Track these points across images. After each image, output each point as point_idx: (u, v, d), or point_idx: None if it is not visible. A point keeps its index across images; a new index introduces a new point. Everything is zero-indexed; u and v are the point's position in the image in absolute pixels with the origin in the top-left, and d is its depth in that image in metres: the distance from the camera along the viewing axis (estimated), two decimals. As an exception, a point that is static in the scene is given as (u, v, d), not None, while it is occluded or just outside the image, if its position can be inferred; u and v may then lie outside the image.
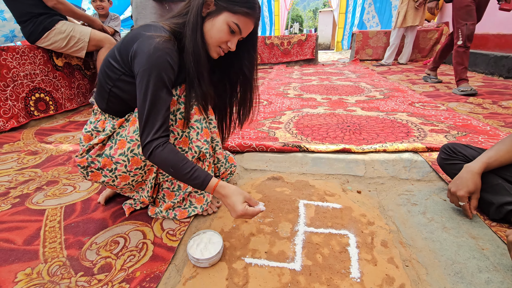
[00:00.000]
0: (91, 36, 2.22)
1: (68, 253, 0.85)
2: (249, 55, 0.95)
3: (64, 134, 1.94)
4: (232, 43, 0.84)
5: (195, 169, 0.79)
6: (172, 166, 0.77)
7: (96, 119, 0.93)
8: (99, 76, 0.89)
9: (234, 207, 0.79)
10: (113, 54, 0.84)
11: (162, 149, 0.77)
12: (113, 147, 0.88)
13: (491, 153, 0.94)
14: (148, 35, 0.77)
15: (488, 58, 3.58)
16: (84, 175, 0.93)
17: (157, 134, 0.77)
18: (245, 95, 1.02)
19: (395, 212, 1.00)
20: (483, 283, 0.71)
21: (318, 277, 0.75)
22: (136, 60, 0.77)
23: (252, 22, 0.84)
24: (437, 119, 1.92)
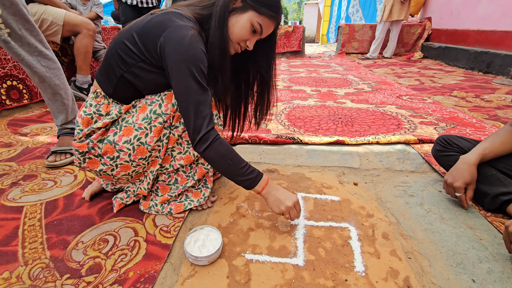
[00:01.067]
0: (66, 20, 2.05)
1: (51, 254, 0.78)
2: (267, 56, 0.94)
3: (41, 125, 1.80)
4: (250, 43, 0.83)
5: (249, 165, 0.81)
6: (231, 158, 0.77)
7: (97, 102, 0.85)
8: (109, 58, 0.81)
9: (290, 196, 0.82)
10: (131, 37, 0.77)
11: (220, 141, 0.76)
12: (117, 133, 0.81)
13: (486, 144, 0.95)
14: (178, 24, 0.73)
15: (469, 53, 3.69)
16: (80, 162, 0.85)
17: (210, 125, 0.75)
18: (262, 96, 1.01)
19: (393, 204, 1.00)
20: (485, 273, 0.71)
21: (323, 272, 0.72)
22: (169, 50, 0.72)
23: (273, 26, 0.84)
24: (425, 111, 1.95)
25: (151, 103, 0.82)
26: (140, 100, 0.85)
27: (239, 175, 0.79)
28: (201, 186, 0.97)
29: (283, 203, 0.81)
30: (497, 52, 3.23)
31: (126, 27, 0.82)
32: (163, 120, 0.82)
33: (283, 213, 0.82)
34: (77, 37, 2.11)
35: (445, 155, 1.06)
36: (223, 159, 0.77)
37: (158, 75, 0.79)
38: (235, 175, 0.80)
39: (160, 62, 0.76)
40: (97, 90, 0.85)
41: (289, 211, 0.82)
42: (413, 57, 4.76)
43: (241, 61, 0.97)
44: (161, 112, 0.82)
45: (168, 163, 0.91)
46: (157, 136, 0.83)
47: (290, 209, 0.82)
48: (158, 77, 0.80)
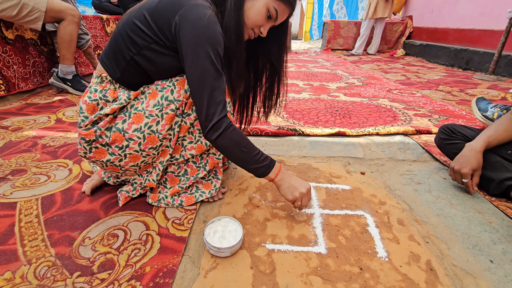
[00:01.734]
0: (49, 5, 1.91)
1: (56, 251, 0.72)
2: (279, 44, 0.90)
3: (22, 117, 1.67)
4: (264, 29, 0.80)
5: (262, 152, 0.79)
6: (245, 146, 0.74)
7: (103, 88, 0.78)
8: (117, 40, 0.75)
9: (303, 183, 0.81)
10: (142, 17, 0.71)
11: (233, 128, 0.73)
12: (126, 121, 0.76)
13: (490, 132, 0.99)
14: (195, 3, 0.68)
15: (449, 50, 3.85)
16: (85, 152, 0.78)
17: (223, 112, 0.71)
18: (272, 86, 0.97)
19: (403, 192, 1.01)
20: (500, 254, 0.74)
21: (346, 259, 0.72)
22: (185, 30, 0.67)
23: (288, 12, 0.80)
24: (417, 104, 2.01)
25: (162, 89, 0.78)
26: (149, 86, 0.80)
27: (253, 162, 0.77)
28: (212, 177, 0.94)
29: (297, 189, 0.80)
30: (476, 50, 3.40)
31: (136, 6, 0.76)
32: (175, 107, 0.78)
33: (296, 199, 0.80)
34: (60, 23, 1.96)
35: (450, 143, 1.09)
36: (237, 146, 0.74)
37: (172, 58, 0.74)
38: (249, 162, 0.77)
39: (175, 43, 0.71)
40: (102, 75, 0.79)
41: (302, 198, 0.81)
42: (396, 54, 4.91)
43: (251, 49, 0.93)
44: (173, 98, 0.77)
45: (178, 153, 0.87)
46: (168, 124, 0.78)
47: (303, 196, 0.81)
48: (171, 60, 0.75)
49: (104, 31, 3.03)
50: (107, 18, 3.09)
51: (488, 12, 3.41)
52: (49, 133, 1.45)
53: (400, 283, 0.65)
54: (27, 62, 2.14)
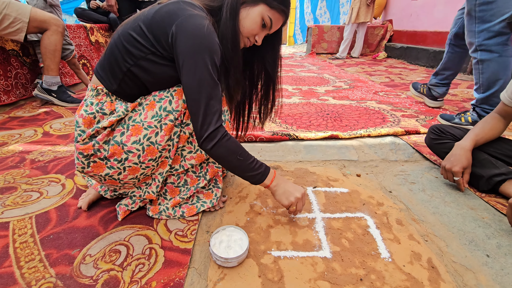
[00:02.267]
0: (32, 15, 1.85)
1: (56, 271, 0.69)
2: (273, 52, 0.92)
3: (6, 132, 1.60)
4: (259, 37, 0.81)
5: (256, 159, 0.79)
6: (240, 154, 0.75)
7: (99, 100, 0.76)
8: (113, 51, 0.74)
9: (298, 188, 0.82)
10: (138, 28, 0.71)
11: (229, 137, 0.73)
12: (125, 133, 0.75)
13: (478, 131, 1.03)
14: (192, 13, 0.69)
15: (428, 52, 4.01)
16: (83, 166, 0.76)
17: (219, 122, 0.72)
18: (267, 93, 0.98)
19: (398, 192, 1.04)
20: (495, 248, 0.77)
21: (352, 262, 0.73)
22: (180, 41, 0.67)
23: (282, 20, 0.82)
24: (403, 105, 2.08)
25: (160, 99, 0.77)
26: (146, 97, 0.79)
27: (249, 170, 0.77)
28: (212, 187, 0.93)
29: (292, 194, 0.81)
30: (454, 51, 3.55)
31: (131, 18, 0.76)
32: (174, 117, 0.77)
33: (292, 204, 0.82)
34: (44, 34, 1.91)
35: (440, 143, 1.13)
36: (233, 155, 0.74)
37: (169, 68, 0.74)
38: (244, 170, 0.77)
39: (172, 53, 0.71)
40: (98, 87, 0.77)
41: (297, 202, 0.82)
42: (378, 56, 5.06)
43: (246, 57, 0.94)
44: (171, 108, 0.77)
45: (177, 163, 0.86)
46: (168, 134, 0.78)
47: (298, 200, 0.82)
48: (169, 70, 0.75)
49: (88, 40, 2.97)
50: (91, 27, 3.04)
51: (463, 15, 3.57)
52: (37, 147, 1.40)
53: (405, 282, 0.67)
54: (9, 74, 2.06)
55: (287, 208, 0.83)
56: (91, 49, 3.01)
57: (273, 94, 1.00)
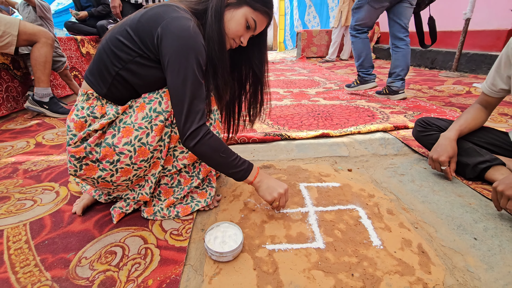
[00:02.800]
0: (21, 29, 1.87)
1: (52, 275, 0.69)
2: (259, 53, 0.95)
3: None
4: (244, 39, 0.84)
5: (239, 156, 0.81)
6: (223, 151, 0.76)
7: (89, 104, 0.78)
8: (101, 56, 0.76)
9: (281, 184, 0.85)
10: (125, 32, 0.73)
11: (211, 135, 0.75)
12: (116, 135, 0.76)
13: (461, 121, 1.07)
14: (177, 15, 0.71)
15: (415, 52, 4.10)
16: (76, 169, 0.77)
17: (202, 120, 0.74)
18: (255, 94, 1.01)
19: (389, 184, 1.07)
20: (482, 231, 0.80)
21: (344, 251, 0.75)
22: (166, 42, 0.69)
23: (266, 21, 0.85)
24: (392, 103, 2.12)
25: (150, 101, 0.79)
26: (136, 100, 0.81)
27: (232, 167, 0.79)
28: (206, 186, 0.95)
29: (276, 190, 0.83)
30: (439, 50, 3.65)
31: (117, 24, 0.78)
32: (164, 118, 0.79)
33: (275, 199, 0.84)
34: (34, 46, 1.92)
35: (426, 135, 1.17)
36: (216, 152, 0.76)
37: (157, 69, 0.76)
38: (228, 167, 0.79)
39: (158, 55, 0.73)
40: (88, 92, 0.79)
41: (280, 198, 0.84)
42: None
43: (234, 59, 0.97)
44: (161, 109, 0.79)
45: (170, 164, 0.87)
46: (158, 135, 0.79)
47: (281, 196, 0.84)
48: (156, 72, 0.77)
49: (79, 52, 2.98)
50: (81, 39, 3.06)
51: (446, 15, 3.68)
52: (30, 158, 1.40)
53: (396, 267, 0.69)
54: (0, 87, 2.06)
55: (270, 203, 0.85)
56: (82, 61, 3.03)
57: (261, 95, 1.02)
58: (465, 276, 0.66)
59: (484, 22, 3.10)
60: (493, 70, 1.01)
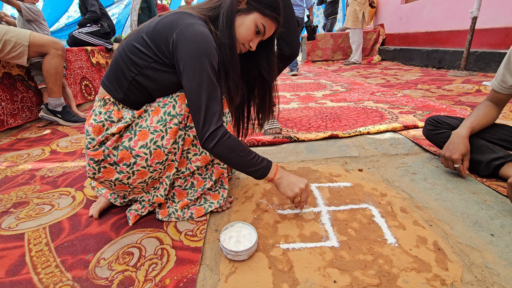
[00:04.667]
0: (31, 40, 1.93)
1: (73, 275, 0.71)
2: (267, 58, 0.98)
3: (15, 152, 1.65)
4: (254, 43, 0.86)
5: (258, 155, 0.82)
6: (241, 150, 0.78)
7: (106, 109, 0.81)
8: (118, 63, 0.79)
9: (301, 179, 0.85)
10: (141, 39, 0.76)
11: (228, 136, 0.76)
12: (132, 138, 0.78)
13: (472, 118, 1.06)
14: (191, 22, 0.74)
15: (421, 52, 4.09)
16: (94, 172, 0.79)
17: (219, 122, 0.75)
18: (264, 98, 1.04)
19: (401, 183, 1.06)
20: (499, 227, 0.79)
21: (359, 249, 0.75)
22: (181, 48, 0.72)
23: (275, 27, 0.88)
24: (400, 103, 2.11)
25: (164, 105, 0.81)
26: (151, 104, 0.83)
27: (251, 165, 0.80)
28: (219, 188, 0.96)
29: (297, 185, 0.84)
30: (446, 49, 3.63)
31: (134, 31, 0.81)
32: (178, 121, 0.81)
33: (297, 195, 0.84)
34: (45, 58, 1.98)
35: (437, 133, 1.16)
36: (234, 152, 0.77)
37: (172, 74, 0.79)
38: (247, 166, 0.80)
39: (173, 60, 0.76)
40: (105, 97, 0.82)
41: (301, 193, 0.84)
42: (373, 60, 5.15)
43: (243, 63, 0.99)
44: (175, 113, 0.81)
45: (184, 166, 0.89)
46: (173, 138, 0.81)
47: (303, 191, 0.84)
48: (171, 77, 0.79)
49: (89, 62, 3.06)
50: (92, 50, 3.14)
51: (452, 14, 3.67)
52: (46, 165, 1.44)
53: (412, 264, 0.68)
54: (15, 98, 2.13)
55: (292, 200, 0.85)
56: (93, 71, 3.11)
57: (269, 98, 1.05)
58: (483, 273, 0.65)
59: (491, 20, 3.08)
60: (502, 67, 1.01)
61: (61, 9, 5.76)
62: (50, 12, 5.58)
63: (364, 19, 4.72)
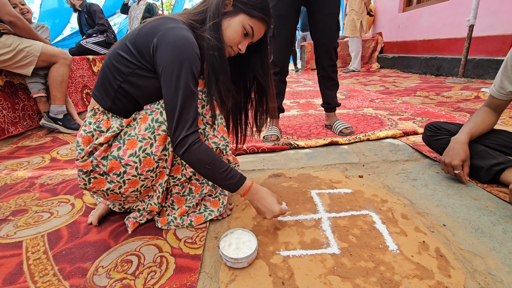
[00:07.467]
0: (43, 50, 1.98)
1: (70, 284, 0.70)
2: (261, 63, 0.96)
3: (15, 160, 1.65)
4: (243, 46, 0.85)
5: (231, 168, 0.78)
6: (209, 163, 0.75)
7: (96, 119, 0.81)
8: (105, 71, 0.79)
9: (272, 208, 0.81)
10: (124, 47, 0.77)
11: (199, 145, 0.74)
12: (121, 147, 0.78)
13: (471, 124, 1.07)
14: (170, 26, 0.73)
15: (420, 60, 4.13)
16: (85, 183, 0.79)
17: (191, 129, 0.73)
18: (261, 101, 1.02)
19: (401, 189, 1.06)
20: (501, 233, 0.78)
21: (360, 256, 0.74)
22: (160, 52, 0.71)
23: (264, 29, 0.87)
24: (400, 110, 2.12)
25: (151, 112, 0.80)
26: (139, 112, 0.83)
27: (220, 179, 0.77)
28: (219, 194, 0.95)
29: (263, 215, 0.82)
30: (444, 57, 3.66)
31: (119, 40, 0.82)
32: (166, 127, 0.80)
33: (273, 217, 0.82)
34: (53, 66, 2.02)
35: (437, 139, 1.16)
36: (201, 163, 0.75)
37: (156, 80, 0.78)
38: (215, 179, 0.78)
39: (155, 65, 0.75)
40: (94, 107, 0.82)
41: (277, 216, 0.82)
42: (372, 68, 5.20)
43: (237, 68, 0.98)
44: (163, 119, 0.79)
45: (179, 172, 0.89)
46: (162, 144, 0.80)
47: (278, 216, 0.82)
48: (155, 83, 0.78)
49: (91, 71, 3.09)
50: (93, 59, 3.18)
51: (449, 22, 3.72)
52: (45, 172, 1.44)
53: (415, 271, 0.67)
54: (17, 106, 2.15)
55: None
56: (94, 79, 3.13)
57: (266, 103, 1.03)
58: (486, 279, 0.64)
59: (488, 28, 3.12)
60: (500, 74, 1.01)
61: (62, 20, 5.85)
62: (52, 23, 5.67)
63: (362, 28, 4.78)
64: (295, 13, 1.55)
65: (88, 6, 3.47)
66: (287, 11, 1.51)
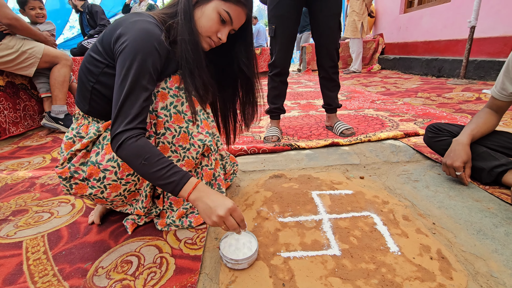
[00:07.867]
0: (45, 51, 2.00)
1: (70, 284, 0.70)
2: (245, 50, 0.90)
3: (16, 160, 1.65)
4: (222, 34, 0.79)
5: (173, 165, 0.69)
6: (146, 159, 0.66)
7: (78, 125, 0.81)
8: (80, 74, 0.79)
9: (223, 201, 0.69)
10: (95, 47, 0.76)
11: (134, 140, 0.66)
12: (99, 152, 0.77)
13: (472, 126, 1.06)
14: (133, 20, 0.71)
15: (421, 61, 4.12)
16: (68, 188, 0.79)
17: (130, 124, 0.67)
18: (247, 95, 0.98)
19: (402, 190, 1.05)
20: (503, 235, 0.77)
21: (361, 257, 0.73)
22: (117, 44, 0.69)
23: (244, 13, 0.80)
24: (401, 111, 2.12)
25: None
26: None
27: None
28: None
29: (213, 212, 0.68)
30: (445, 58, 3.65)
31: None
32: None
33: (216, 224, 0.69)
34: (54, 67, 2.04)
35: (438, 141, 1.16)
36: (136, 159, 0.67)
37: None
38: (153, 178, 0.68)
39: None
40: (76, 113, 0.83)
41: (223, 222, 0.69)
42: (373, 69, 5.19)
43: (221, 61, 0.94)
44: None
45: None
46: None
47: (225, 219, 0.68)
48: None
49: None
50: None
51: (450, 24, 3.72)
52: (46, 172, 1.44)
53: (416, 273, 0.67)
54: (18, 106, 2.15)
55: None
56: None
57: (253, 95, 0.99)
58: (489, 282, 0.64)
59: (489, 29, 3.11)
60: (501, 75, 1.01)
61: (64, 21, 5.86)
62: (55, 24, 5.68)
63: (363, 29, 4.77)
64: (296, 14, 1.55)
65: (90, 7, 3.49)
66: (288, 12, 1.51)
